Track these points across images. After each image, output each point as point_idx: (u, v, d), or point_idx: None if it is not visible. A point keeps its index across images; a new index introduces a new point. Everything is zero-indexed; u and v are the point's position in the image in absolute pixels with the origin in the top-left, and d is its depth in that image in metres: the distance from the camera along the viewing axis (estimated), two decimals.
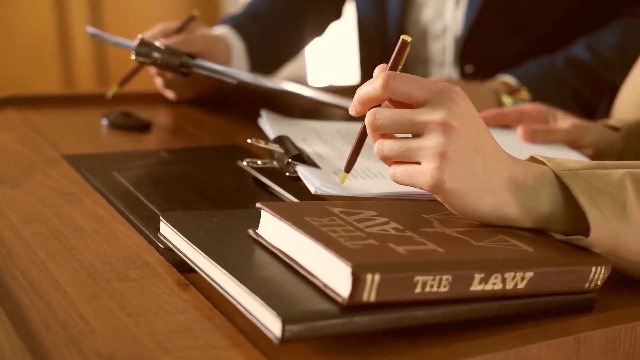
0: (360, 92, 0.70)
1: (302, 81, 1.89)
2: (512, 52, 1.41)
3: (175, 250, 0.68)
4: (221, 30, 1.31)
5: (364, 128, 0.71)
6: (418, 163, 0.68)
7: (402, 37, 0.71)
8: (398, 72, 0.70)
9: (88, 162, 0.94)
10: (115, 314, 0.61)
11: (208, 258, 0.63)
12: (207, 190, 0.87)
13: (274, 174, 0.87)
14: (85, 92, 1.23)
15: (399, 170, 0.69)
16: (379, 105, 0.71)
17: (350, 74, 2.31)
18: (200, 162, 0.98)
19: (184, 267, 0.67)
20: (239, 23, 1.35)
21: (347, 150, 0.91)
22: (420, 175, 0.67)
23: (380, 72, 0.71)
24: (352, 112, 0.72)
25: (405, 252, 0.60)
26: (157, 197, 0.84)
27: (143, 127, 1.10)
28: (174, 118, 1.20)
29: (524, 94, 1.25)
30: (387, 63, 0.71)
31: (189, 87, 1.23)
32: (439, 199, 0.68)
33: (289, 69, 1.61)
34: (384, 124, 0.69)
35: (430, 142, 0.67)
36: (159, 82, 1.22)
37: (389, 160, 0.70)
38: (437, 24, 1.45)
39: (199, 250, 0.64)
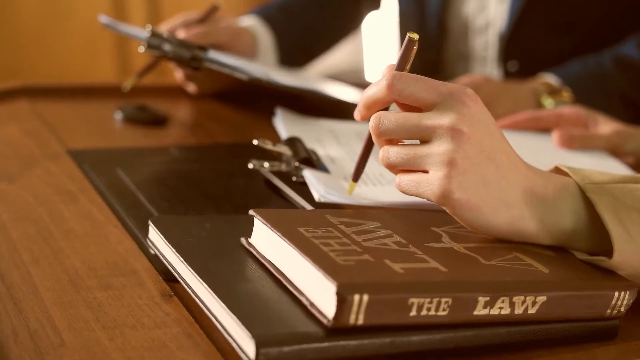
0: (365, 95, 0.67)
1: (359, 75, 1.85)
2: (557, 49, 1.35)
3: (161, 257, 0.64)
4: (248, 22, 1.28)
5: (371, 135, 0.68)
6: (425, 172, 0.64)
7: (408, 34, 0.67)
8: (405, 72, 0.66)
9: (92, 158, 0.91)
10: (89, 325, 0.58)
11: (189, 268, 0.59)
12: (212, 191, 0.84)
13: (288, 177, 0.83)
14: (102, 83, 1.21)
15: (405, 179, 0.65)
16: (386, 109, 0.67)
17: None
18: (210, 160, 0.95)
19: (170, 276, 0.64)
20: (267, 14, 1.32)
21: None
22: (426, 185, 0.63)
23: (386, 71, 0.67)
24: (357, 116, 0.68)
25: (401, 271, 0.56)
26: (158, 198, 0.81)
27: (158, 121, 1.08)
28: (191, 113, 1.17)
29: (566, 95, 1.19)
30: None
31: (211, 81, 1.20)
32: (447, 210, 0.64)
33: (343, 62, 1.57)
34: (388, 128, 0.65)
35: (438, 148, 0.63)
36: (179, 74, 1.20)
37: (395, 168, 0.66)
38: (479, 19, 1.40)
39: (181, 260, 0.61)
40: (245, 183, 0.87)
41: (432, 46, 1.44)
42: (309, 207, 0.77)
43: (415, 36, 0.66)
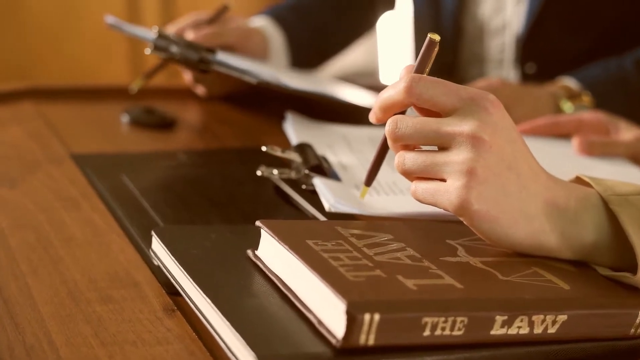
0: (382, 97, 0.64)
1: (373, 77, 1.83)
2: (576, 50, 1.32)
3: (164, 270, 0.62)
4: (259, 22, 1.26)
5: (386, 138, 0.65)
6: (443, 180, 0.61)
7: (429, 35, 0.64)
8: (425, 75, 0.64)
9: (96, 162, 0.89)
10: (88, 341, 0.56)
11: (193, 282, 0.57)
12: (219, 198, 0.82)
13: (298, 184, 0.81)
14: (108, 84, 1.18)
15: (421, 187, 0.63)
16: (403, 113, 0.65)
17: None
18: (218, 165, 0.93)
19: (174, 289, 0.61)
20: (279, 14, 1.30)
21: None
22: (444, 194, 0.61)
23: (405, 73, 0.64)
24: (372, 119, 0.66)
25: (415, 288, 0.54)
26: (164, 205, 0.79)
27: (166, 124, 1.05)
28: (200, 116, 1.15)
29: (586, 99, 1.16)
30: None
31: (220, 83, 1.18)
32: (465, 222, 0.62)
33: (356, 63, 1.55)
34: (405, 133, 0.62)
35: (458, 156, 0.60)
36: (187, 76, 1.18)
37: (411, 175, 0.63)
38: (496, 20, 1.37)
39: (184, 273, 0.58)
40: (253, 190, 0.84)
41: (447, 48, 1.41)
42: (319, 216, 0.74)
43: (437, 37, 0.64)
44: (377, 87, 1.34)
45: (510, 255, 0.62)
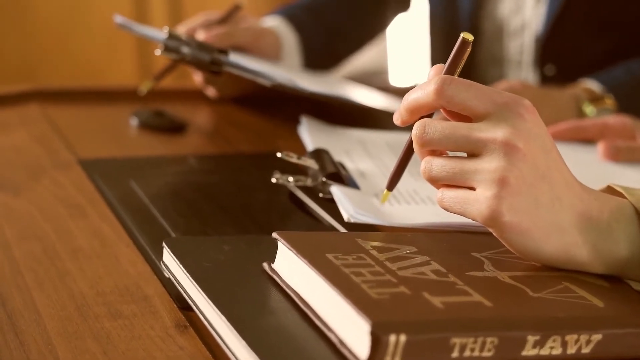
0: (409, 98, 0.62)
1: (384, 77, 1.80)
2: (597, 52, 1.30)
3: (176, 284, 0.60)
4: (271, 22, 1.23)
5: (411, 142, 0.62)
6: (472, 189, 0.59)
7: (462, 35, 0.61)
8: (455, 76, 0.61)
9: (104, 168, 0.87)
10: (96, 359, 0.53)
11: (206, 298, 0.55)
12: (232, 206, 0.80)
13: (314, 192, 0.78)
14: (117, 86, 1.16)
15: (449, 195, 0.60)
16: (430, 116, 0.62)
17: (424, 73, 2.21)
18: (231, 171, 0.90)
19: (186, 304, 0.59)
20: (292, 14, 1.27)
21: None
22: (473, 204, 0.58)
23: (434, 74, 0.62)
24: (397, 121, 0.63)
25: (441, 306, 0.51)
26: (174, 213, 0.77)
27: (176, 128, 1.03)
28: (212, 118, 1.13)
29: (609, 102, 1.14)
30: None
31: (232, 84, 1.16)
32: (494, 233, 0.59)
33: (369, 62, 1.52)
34: (433, 138, 0.60)
35: (489, 164, 0.58)
36: (198, 77, 1.15)
37: (438, 182, 0.61)
38: (515, 20, 1.35)
39: (197, 287, 0.56)
40: (267, 197, 0.82)
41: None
42: (337, 225, 0.72)
43: (470, 37, 0.61)
44: (389, 88, 1.32)
45: (539, 269, 0.60)
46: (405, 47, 2.56)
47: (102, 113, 1.08)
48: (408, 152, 0.66)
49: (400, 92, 1.26)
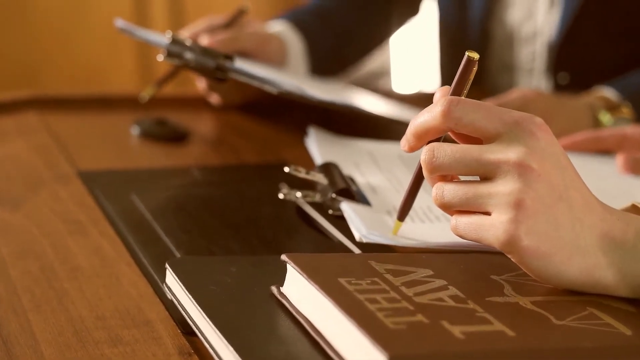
0: (416, 123, 0.60)
1: (385, 86, 1.78)
2: (614, 59, 1.27)
3: (179, 307, 0.57)
4: (277, 27, 1.21)
5: (421, 168, 0.60)
6: (487, 213, 0.57)
7: (467, 53, 0.60)
8: (463, 97, 0.59)
9: (105, 180, 0.84)
10: None
11: (212, 324, 0.52)
12: (238, 221, 0.77)
13: (323, 208, 0.76)
14: (118, 93, 1.14)
15: (463, 221, 0.58)
16: (439, 140, 0.60)
17: (430, 79, 2.19)
18: (236, 184, 0.88)
19: (190, 329, 0.57)
20: (299, 19, 1.25)
21: (407, 182, 0.79)
22: (489, 229, 0.56)
23: (441, 96, 0.60)
24: (404, 147, 0.61)
25: (462, 336, 0.49)
26: (177, 229, 0.74)
27: (178, 137, 1.01)
28: (215, 127, 1.10)
29: (626, 111, 1.11)
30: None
31: (237, 91, 1.13)
32: (512, 259, 0.57)
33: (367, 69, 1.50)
34: (444, 163, 0.57)
35: (504, 187, 0.56)
36: (202, 84, 1.13)
37: (451, 209, 0.59)
38: (526, 26, 1.32)
39: (203, 314, 0.54)
40: (274, 212, 0.79)
41: None
42: (347, 243, 0.69)
43: (476, 56, 0.59)
44: (393, 94, 1.30)
45: (561, 294, 0.57)
46: (413, 53, 2.54)
47: (102, 121, 1.06)
48: (418, 179, 0.64)
49: (405, 99, 1.24)
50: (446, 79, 1.49)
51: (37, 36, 2.54)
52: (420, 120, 0.59)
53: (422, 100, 1.23)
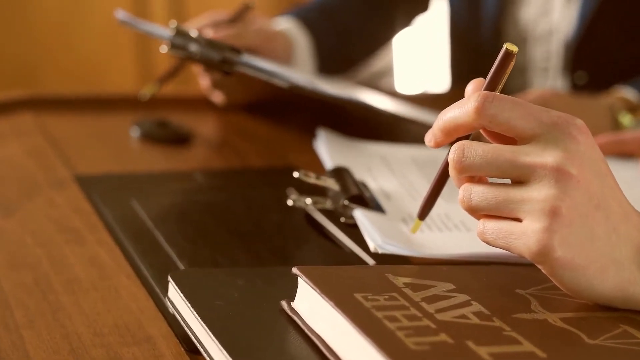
0: (445, 117, 0.56)
1: (388, 84, 1.76)
2: (634, 58, 1.24)
3: (183, 324, 0.54)
4: (284, 24, 1.18)
5: (446, 166, 0.57)
6: (518, 220, 0.54)
7: (505, 46, 0.56)
8: (498, 93, 0.56)
9: (104, 185, 0.82)
10: None
11: (218, 343, 0.49)
12: (244, 229, 0.75)
13: (334, 215, 0.73)
14: (117, 93, 1.11)
15: (491, 227, 0.55)
16: (467, 137, 0.57)
17: (440, 79, 2.16)
18: (241, 189, 0.85)
19: (193, 346, 0.54)
20: (306, 16, 1.22)
21: (422, 187, 0.77)
22: (520, 238, 0.53)
23: (474, 90, 0.56)
24: (430, 142, 0.58)
25: (490, 358, 0.46)
26: (180, 238, 0.71)
27: (180, 139, 0.98)
28: (219, 128, 1.07)
29: None
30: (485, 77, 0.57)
31: (242, 88, 1.10)
32: (543, 270, 0.54)
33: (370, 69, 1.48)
34: (474, 163, 0.54)
35: (538, 193, 0.53)
36: (204, 81, 1.10)
37: (478, 212, 0.55)
38: (541, 24, 1.29)
39: (208, 331, 0.51)
40: (282, 219, 0.77)
41: (486, 54, 1.33)
42: (361, 253, 0.67)
43: (514, 49, 0.56)
44: (399, 94, 1.27)
45: (592, 309, 0.55)
46: (420, 52, 2.51)
47: (100, 122, 1.03)
48: (442, 177, 0.60)
49: (412, 99, 1.21)
50: (456, 80, 1.46)
51: (35, 34, 2.54)
52: (450, 115, 0.56)
53: (428, 101, 1.20)
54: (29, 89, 2.41)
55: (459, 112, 0.55)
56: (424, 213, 0.62)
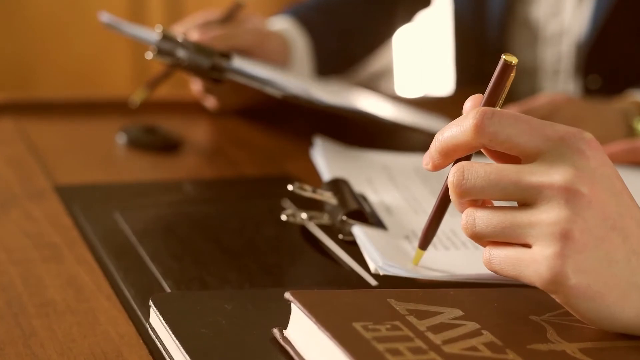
0: (442, 137, 0.53)
1: (387, 87, 1.73)
2: None
3: (164, 354, 0.51)
4: (280, 24, 1.15)
5: (447, 190, 0.54)
6: (527, 246, 0.50)
7: (503, 57, 0.53)
8: (498, 108, 0.53)
9: (86, 196, 0.78)
10: None
11: None
12: (235, 245, 0.71)
13: (331, 230, 0.69)
14: (103, 97, 1.07)
15: (498, 255, 0.52)
16: (468, 158, 0.53)
17: (442, 81, 2.13)
18: (233, 201, 0.82)
19: None
20: (304, 15, 1.19)
21: (426, 201, 0.73)
22: (530, 265, 0.50)
23: (472, 106, 0.53)
24: (427, 166, 0.55)
25: None
26: (165, 255, 0.68)
27: (169, 146, 0.95)
28: (211, 135, 1.04)
29: None
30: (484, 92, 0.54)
31: (236, 94, 1.07)
32: (557, 299, 0.51)
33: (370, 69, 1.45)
34: (475, 185, 0.51)
35: (547, 215, 0.49)
36: (196, 86, 1.06)
37: (484, 239, 0.52)
38: (551, 25, 1.27)
39: None
40: (277, 233, 0.73)
41: (492, 56, 1.30)
42: (361, 271, 0.63)
43: (514, 60, 0.53)
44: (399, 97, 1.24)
45: (613, 338, 0.51)
46: (421, 53, 2.48)
47: (85, 128, 1.00)
48: (444, 203, 0.57)
49: (414, 102, 1.18)
50: (460, 83, 1.43)
51: (32, 34, 2.54)
52: (447, 134, 0.53)
53: (429, 104, 1.17)
54: (25, 89, 2.39)
55: (456, 131, 0.52)
56: (425, 242, 0.60)
